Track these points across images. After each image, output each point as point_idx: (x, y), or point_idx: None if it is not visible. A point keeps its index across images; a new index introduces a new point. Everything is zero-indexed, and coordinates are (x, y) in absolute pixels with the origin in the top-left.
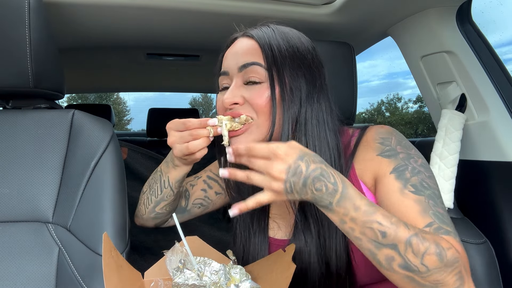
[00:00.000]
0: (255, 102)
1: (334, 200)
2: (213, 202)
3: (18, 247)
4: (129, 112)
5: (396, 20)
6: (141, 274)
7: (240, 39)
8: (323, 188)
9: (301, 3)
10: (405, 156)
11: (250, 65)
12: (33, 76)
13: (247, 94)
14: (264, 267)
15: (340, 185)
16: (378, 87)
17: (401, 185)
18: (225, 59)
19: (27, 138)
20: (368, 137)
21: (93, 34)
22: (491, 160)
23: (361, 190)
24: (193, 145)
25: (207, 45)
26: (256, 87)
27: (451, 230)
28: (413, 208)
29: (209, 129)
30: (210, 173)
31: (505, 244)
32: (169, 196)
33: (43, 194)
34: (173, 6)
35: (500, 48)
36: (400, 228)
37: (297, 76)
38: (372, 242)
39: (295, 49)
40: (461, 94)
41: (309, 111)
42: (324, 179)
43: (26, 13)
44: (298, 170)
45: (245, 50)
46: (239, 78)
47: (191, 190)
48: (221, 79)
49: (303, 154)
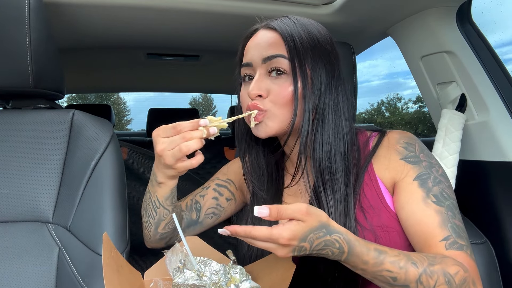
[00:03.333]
0: (279, 96)
1: (342, 258)
2: (224, 209)
3: (18, 247)
4: (129, 112)
5: (396, 20)
6: (141, 274)
7: (262, 30)
8: (329, 253)
9: (301, 3)
10: (427, 164)
11: (274, 57)
12: (33, 76)
13: (271, 87)
14: (264, 267)
15: (346, 247)
16: (378, 87)
17: (424, 194)
18: (248, 50)
19: (27, 138)
20: (391, 139)
21: (93, 34)
22: (491, 160)
23: (378, 188)
24: (186, 146)
25: (207, 45)
26: (280, 79)
27: (464, 244)
28: (434, 218)
29: (201, 129)
30: (218, 181)
31: (505, 244)
32: (165, 215)
33: (43, 194)
34: (173, 6)
35: (500, 48)
36: (409, 270)
37: (318, 67)
38: (385, 283)
39: (316, 40)
40: (461, 94)
41: (327, 101)
42: (328, 248)
43: (26, 13)
44: (302, 249)
45: (268, 42)
46: (262, 70)
47: (202, 201)
48: (244, 70)
49: (305, 236)
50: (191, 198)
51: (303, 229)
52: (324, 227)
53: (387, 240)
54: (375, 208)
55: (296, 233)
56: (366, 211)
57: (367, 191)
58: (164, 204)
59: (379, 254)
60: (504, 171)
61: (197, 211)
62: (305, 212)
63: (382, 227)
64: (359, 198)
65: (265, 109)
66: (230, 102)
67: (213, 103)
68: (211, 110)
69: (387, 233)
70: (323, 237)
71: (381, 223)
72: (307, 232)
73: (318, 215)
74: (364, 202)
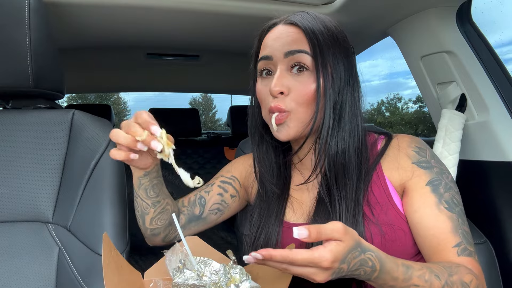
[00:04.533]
0: (301, 93)
1: (372, 277)
2: (229, 206)
3: (18, 247)
4: (129, 112)
5: (396, 20)
6: (141, 274)
7: (282, 25)
8: (362, 273)
9: (301, 3)
10: (438, 170)
11: (297, 52)
12: (33, 76)
13: (292, 84)
14: (264, 267)
15: (378, 265)
16: (378, 87)
17: (437, 199)
18: (267, 44)
19: (27, 138)
20: (401, 142)
21: (93, 34)
22: (491, 160)
23: (386, 187)
24: (116, 135)
25: (207, 45)
26: (302, 76)
27: (472, 250)
28: (447, 224)
29: (143, 134)
30: (223, 178)
31: (505, 244)
32: (145, 208)
33: (43, 194)
34: (173, 6)
35: (500, 48)
36: (434, 283)
37: (338, 63)
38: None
39: (335, 37)
40: (461, 94)
41: (345, 98)
42: (362, 267)
43: (26, 13)
44: (340, 271)
45: (291, 37)
46: (283, 65)
47: (207, 196)
48: (263, 63)
49: (345, 257)
50: (195, 193)
51: (343, 250)
52: (359, 246)
53: (393, 237)
54: (382, 205)
55: (338, 255)
56: (373, 207)
57: (375, 188)
58: (139, 194)
59: (407, 269)
60: (504, 171)
61: (201, 206)
62: (343, 232)
63: (388, 224)
64: (367, 194)
65: (288, 110)
66: (230, 102)
67: (213, 103)
68: (211, 110)
69: (393, 230)
70: (359, 256)
71: (387, 220)
72: (346, 253)
73: (353, 233)
74: (372, 199)
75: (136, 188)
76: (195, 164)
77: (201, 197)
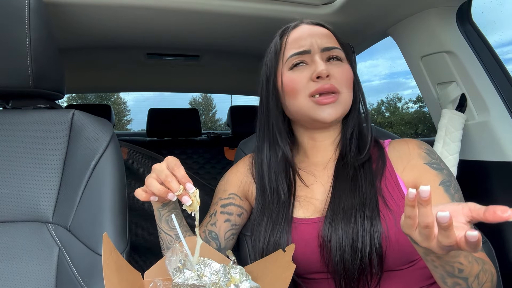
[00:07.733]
0: (344, 76)
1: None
2: (240, 224)
3: (18, 247)
4: (129, 112)
5: (396, 20)
6: (141, 274)
7: (307, 25)
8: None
9: (301, 3)
10: (447, 172)
11: (334, 48)
12: (33, 76)
13: (334, 70)
14: (264, 267)
15: None
16: (379, 87)
17: (450, 199)
18: (299, 39)
19: (27, 138)
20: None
21: (93, 34)
22: (491, 160)
23: (397, 182)
24: (151, 185)
25: (207, 45)
26: (340, 65)
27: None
28: None
29: (180, 188)
30: (222, 201)
31: (505, 244)
32: (170, 242)
33: (43, 194)
34: (173, 6)
35: (500, 48)
36: (474, 265)
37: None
38: (448, 273)
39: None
40: (461, 94)
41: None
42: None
43: (26, 13)
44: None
45: (325, 34)
46: (320, 57)
47: (216, 228)
48: (298, 57)
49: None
50: (203, 229)
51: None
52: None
53: None
54: (395, 199)
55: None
56: (387, 200)
57: (387, 183)
58: (161, 227)
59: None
60: (504, 171)
61: (216, 240)
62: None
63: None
64: (380, 187)
65: (339, 91)
66: (230, 102)
67: (213, 103)
68: (211, 110)
69: None
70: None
71: (401, 212)
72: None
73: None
74: (385, 192)
75: (158, 221)
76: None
77: (211, 232)
